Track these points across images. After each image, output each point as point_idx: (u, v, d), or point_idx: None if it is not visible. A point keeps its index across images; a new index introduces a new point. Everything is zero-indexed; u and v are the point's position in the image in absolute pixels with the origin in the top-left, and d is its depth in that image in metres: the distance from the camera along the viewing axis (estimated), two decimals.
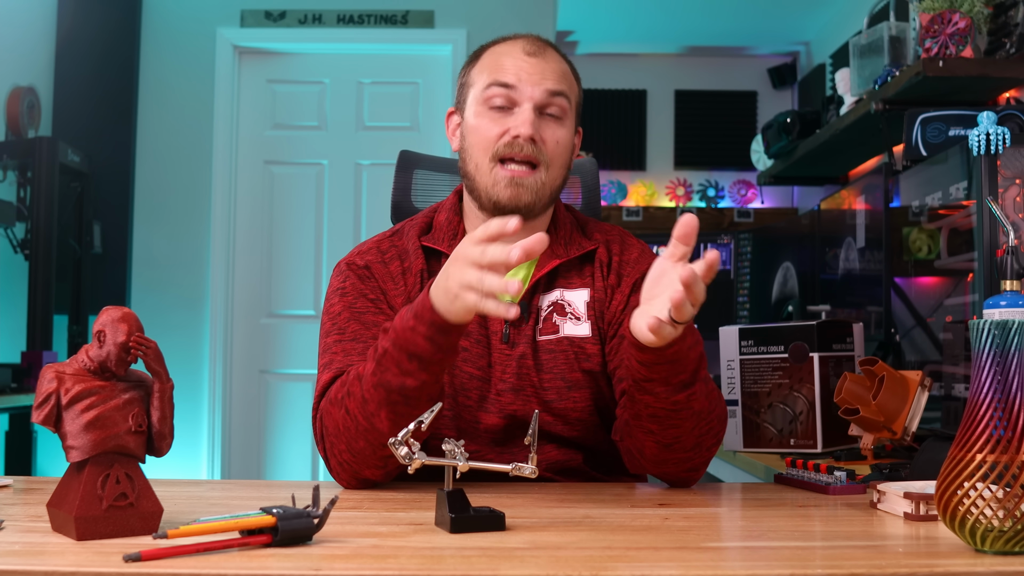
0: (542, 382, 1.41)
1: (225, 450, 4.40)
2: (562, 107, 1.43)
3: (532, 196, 1.41)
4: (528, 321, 1.44)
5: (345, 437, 1.26)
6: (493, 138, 1.41)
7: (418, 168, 1.84)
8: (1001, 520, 0.86)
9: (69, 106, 4.31)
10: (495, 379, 1.42)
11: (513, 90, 1.41)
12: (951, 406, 1.76)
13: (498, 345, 1.43)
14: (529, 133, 1.39)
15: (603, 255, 1.50)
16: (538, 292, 1.45)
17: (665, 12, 4.27)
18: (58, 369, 0.94)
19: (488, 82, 1.43)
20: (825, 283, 2.65)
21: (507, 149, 1.40)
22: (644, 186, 4.74)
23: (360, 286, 1.44)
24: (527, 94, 1.41)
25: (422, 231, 1.50)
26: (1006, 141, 1.67)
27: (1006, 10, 2.35)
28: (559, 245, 1.48)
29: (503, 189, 1.40)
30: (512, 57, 1.44)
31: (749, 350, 1.89)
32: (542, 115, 1.42)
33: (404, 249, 1.49)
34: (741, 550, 0.94)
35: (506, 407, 1.40)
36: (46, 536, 0.94)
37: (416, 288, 1.44)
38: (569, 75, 1.47)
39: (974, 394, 0.89)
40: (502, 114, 1.42)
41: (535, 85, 1.41)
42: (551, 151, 1.42)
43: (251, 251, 4.51)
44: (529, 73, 1.42)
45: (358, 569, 0.83)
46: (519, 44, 1.46)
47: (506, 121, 1.41)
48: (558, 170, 1.44)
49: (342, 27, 4.48)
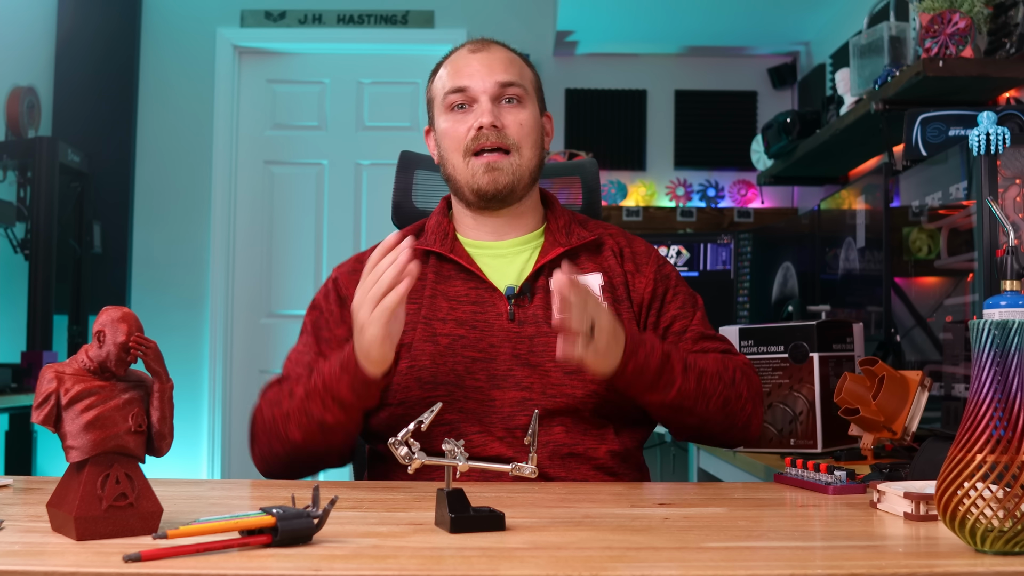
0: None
1: (225, 450, 4.40)
2: (517, 93, 1.53)
3: (510, 178, 1.50)
4: (532, 301, 1.50)
5: (267, 437, 1.42)
6: (461, 136, 1.51)
7: (419, 169, 1.84)
8: (1001, 520, 0.86)
9: (69, 106, 4.31)
10: (504, 357, 1.45)
11: (467, 89, 1.52)
12: (951, 406, 1.76)
13: (504, 325, 1.48)
14: (490, 121, 1.49)
15: (613, 245, 1.58)
16: (543, 275, 1.51)
17: (665, 12, 4.26)
18: (58, 369, 0.94)
19: (446, 90, 1.54)
20: (825, 283, 2.65)
21: (475, 142, 1.50)
22: (644, 186, 4.74)
23: (322, 303, 1.57)
24: (479, 88, 1.51)
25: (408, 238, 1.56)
26: (1006, 141, 1.67)
27: (1006, 10, 2.35)
28: (561, 234, 1.55)
29: (482, 176, 1.51)
30: (460, 60, 1.55)
31: (749, 350, 1.89)
32: (499, 103, 1.52)
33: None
34: (741, 550, 0.94)
35: (522, 380, 1.44)
36: (46, 536, 0.94)
37: None
38: (517, 61, 1.57)
39: (974, 394, 0.89)
40: (464, 113, 1.52)
41: (484, 78, 1.51)
42: (516, 133, 1.51)
43: (251, 251, 4.51)
44: (477, 69, 1.52)
45: (358, 569, 0.83)
46: (466, 47, 1.57)
47: (468, 118, 1.51)
48: (530, 150, 1.53)
49: (342, 27, 4.48)
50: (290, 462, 1.43)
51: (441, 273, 1.52)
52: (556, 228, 1.56)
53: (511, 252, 1.56)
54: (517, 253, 1.56)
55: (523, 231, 1.57)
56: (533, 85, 1.57)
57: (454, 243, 1.54)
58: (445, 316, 1.47)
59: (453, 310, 1.48)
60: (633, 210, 4.64)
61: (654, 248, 1.62)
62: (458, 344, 1.45)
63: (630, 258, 1.57)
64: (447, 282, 1.51)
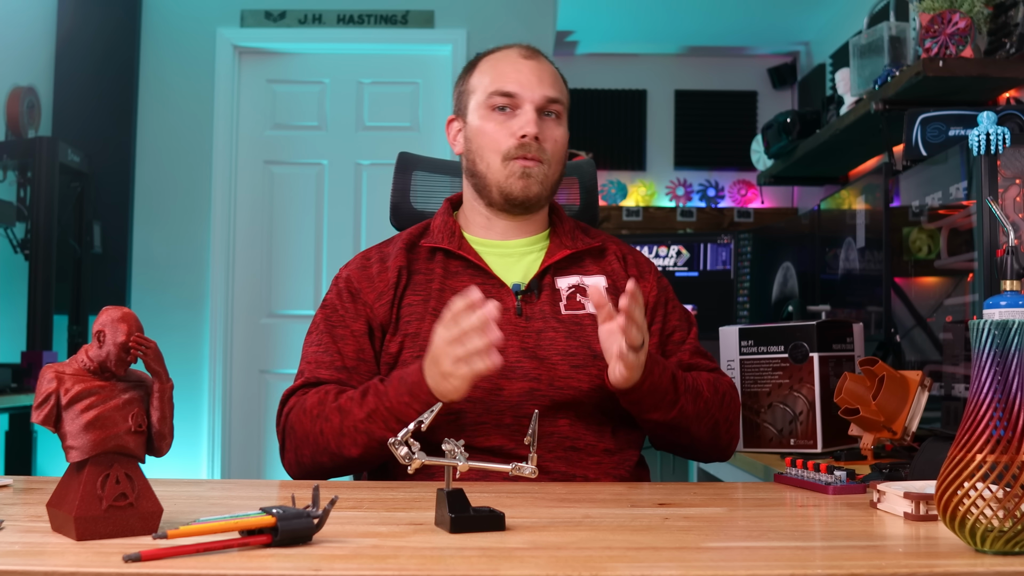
0: (569, 348, 1.50)
1: (225, 450, 4.40)
2: (557, 110, 1.57)
3: (539, 187, 1.55)
4: (539, 297, 1.54)
5: (312, 449, 1.43)
6: (502, 139, 1.54)
7: (416, 170, 1.85)
8: (1001, 520, 0.86)
9: (69, 106, 4.31)
10: (512, 350, 1.48)
11: (516, 96, 1.54)
12: (951, 406, 1.76)
13: (512, 319, 1.51)
14: (534, 132, 1.52)
15: (616, 251, 1.64)
16: (549, 274, 1.56)
17: (665, 12, 4.26)
18: (58, 369, 0.94)
19: (491, 89, 1.56)
20: (825, 283, 2.65)
21: (518, 151, 1.53)
22: (644, 186, 4.74)
23: (336, 301, 1.57)
24: (527, 97, 1.54)
25: (412, 236, 1.61)
26: (1006, 141, 1.66)
27: (1006, 10, 2.35)
28: (567, 238, 1.61)
29: (516, 181, 1.54)
30: (510, 63, 1.57)
31: (749, 350, 1.89)
32: (541, 116, 1.55)
33: (387, 253, 1.60)
34: (741, 550, 0.94)
35: (530, 372, 1.48)
36: (46, 536, 0.94)
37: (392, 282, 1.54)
38: (560, 79, 1.61)
39: (974, 394, 0.89)
40: (506, 116, 1.55)
41: (535, 88, 1.54)
42: (551, 149, 1.56)
43: (251, 251, 4.51)
44: (528, 77, 1.55)
45: (358, 569, 0.83)
46: (515, 50, 1.59)
47: (511, 123, 1.54)
48: (557, 166, 1.58)
49: (342, 27, 4.48)
50: (334, 471, 1.45)
51: (448, 269, 1.56)
52: (562, 232, 1.61)
53: (517, 252, 1.60)
54: (523, 253, 1.60)
55: (529, 234, 1.62)
56: (567, 104, 1.62)
57: (461, 240, 1.58)
58: None
59: None
60: (633, 210, 4.64)
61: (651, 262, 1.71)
62: None
63: (633, 264, 1.64)
64: (455, 277, 1.55)
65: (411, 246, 1.59)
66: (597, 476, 1.47)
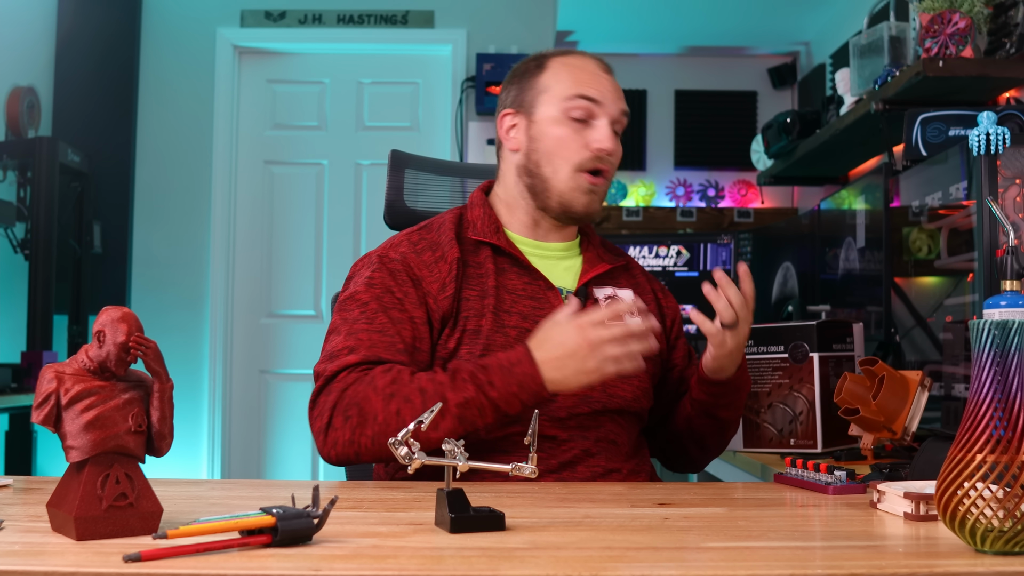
0: None
1: (225, 450, 4.40)
2: (624, 125, 1.59)
3: (598, 205, 1.59)
4: (584, 305, 1.55)
5: (378, 430, 1.33)
6: (576, 148, 1.53)
7: (408, 168, 1.84)
8: (1001, 520, 0.86)
9: (69, 106, 4.31)
10: None
11: (597, 105, 1.54)
12: (951, 406, 1.76)
13: None
14: (612, 147, 1.54)
15: (637, 267, 1.71)
16: (590, 285, 1.59)
17: (665, 12, 4.26)
18: (58, 369, 0.94)
19: (572, 93, 1.54)
20: (825, 283, 2.65)
21: (596, 162, 1.54)
22: (644, 186, 4.74)
23: (389, 282, 1.48)
24: (608, 110, 1.55)
25: (456, 226, 1.57)
26: (1006, 141, 1.67)
27: (1006, 10, 2.35)
28: (600, 250, 1.65)
29: (581, 196, 1.54)
30: (591, 73, 1.57)
31: (749, 350, 1.89)
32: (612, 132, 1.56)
33: (435, 241, 1.54)
34: (741, 550, 0.94)
35: None
36: (46, 536, 0.94)
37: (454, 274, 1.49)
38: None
39: (974, 394, 0.89)
40: (581, 127, 1.54)
41: (615, 102, 1.56)
42: (615, 165, 1.58)
43: (251, 251, 4.51)
44: (609, 91, 1.56)
45: (358, 569, 0.83)
46: (592, 61, 1.60)
47: (586, 134, 1.54)
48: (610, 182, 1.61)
49: (342, 27, 4.48)
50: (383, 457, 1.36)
51: (498, 265, 1.54)
52: (594, 245, 1.65)
53: (554, 255, 1.61)
54: (560, 258, 1.61)
55: (567, 239, 1.63)
56: None
57: (506, 237, 1.57)
58: (509, 308, 1.50)
59: (515, 303, 1.51)
60: (633, 210, 4.64)
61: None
62: (525, 337, 1.45)
63: (654, 279, 1.71)
64: (504, 275, 1.54)
65: (459, 236, 1.55)
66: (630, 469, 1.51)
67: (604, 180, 1.56)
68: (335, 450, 1.37)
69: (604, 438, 1.49)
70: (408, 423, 1.30)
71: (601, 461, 1.48)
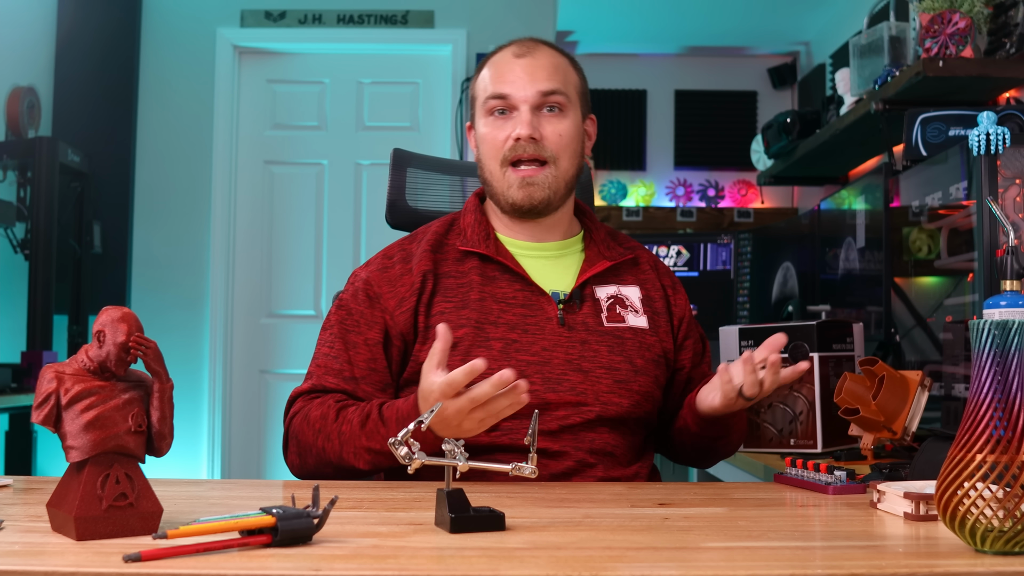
0: (613, 363, 1.49)
1: (225, 450, 4.40)
2: (558, 101, 1.50)
3: (545, 192, 1.50)
4: (580, 308, 1.51)
5: (315, 460, 1.42)
6: (499, 144, 1.50)
7: (410, 167, 1.84)
8: (1001, 520, 0.86)
9: (69, 106, 4.31)
10: (557, 361, 1.46)
11: (508, 97, 1.49)
12: (951, 406, 1.76)
13: (556, 329, 1.49)
14: (528, 133, 1.47)
15: (647, 259, 1.64)
16: (589, 284, 1.54)
17: (665, 12, 4.26)
18: (58, 369, 0.94)
19: (487, 95, 1.52)
20: (825, 283, 2.65)
21: (512, 152, 1.49)
22: (644, 186, 4.74)
23: (351, 304, 1.52)
24: (520, 96, 1.49)
25: (439, 235, 1.55)
26: (1006, 141, 1.67)
27: (1006, 10, 2.35)
28: (603, 247, 1.58)
29: (516, 191, 1.50)
30: (504, 63, 1.52)
31: (749, 350, 1.88)
32: (540, 112, 1.49)
33: (411, 252, 1.54)
34: (741, 550, 0.94)
35: (576, 386, 1.46)
36: (46, 536, 0.94)
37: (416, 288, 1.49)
38: (563, 67, 1.53)
39: (974, 394, 0.89)
40: (504, 120, 1.50)
41: (526, 86, 1.49)
42: (555, 145, 1.50)
43: (251, 251, 4.51)
44: (519, 76, 1.49)
45: (358, 569, 0.83)
46: (510, 49, 1.54)
47: (507, 126, 1.50)
48: (568, 161, 1.52)
49: (342, 27, 4.48)
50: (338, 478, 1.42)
51: (486, 274, 1.51)
52: (598, 239, 1.58)
53: (552, 255, 1.56)
54: (559, 257, 1.57)
55: (560, 236, 1.58)
56: (577, 90, 1.54)
57: (497, 244, 1.53)
58: (496, 319, 1.46)
59: (503, 312, 1.47)
60: (633, 210, 4.64)
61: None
62: (512, 348, 1.44)
63: (666, 274, 1.64)
64: (493, 283, 1.50)
65: (438, 246, 1.53)
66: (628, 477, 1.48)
67: (539, 168, 1.48)
68: (293, 471, 1.48)
69: (600, 450, 1.46)
70: (331, 459, 1.39)
71: (598, 472, 1.45)
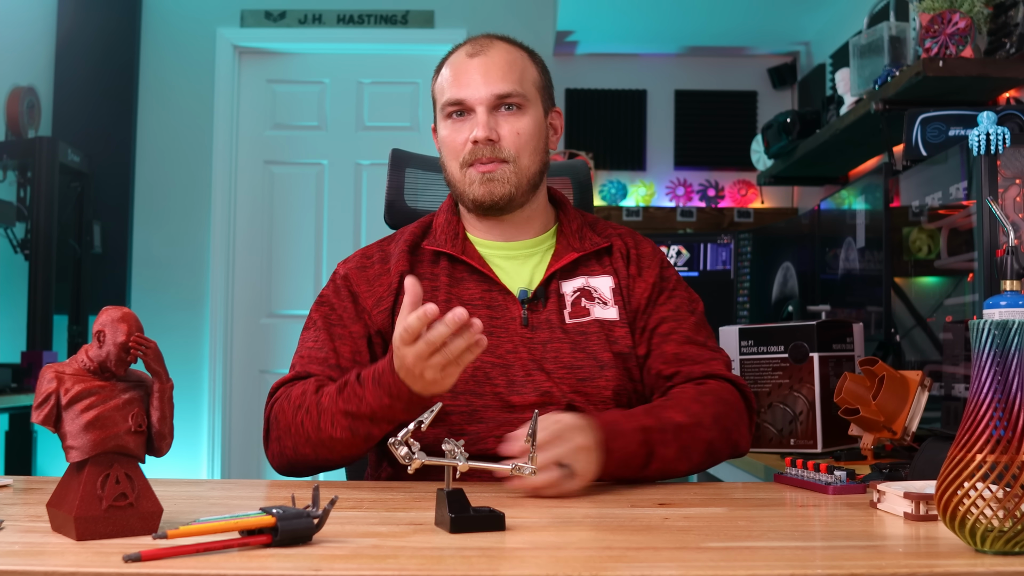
0: (574, 361, 1.45)
1: (225, 450, 4.40)
2: (515, 101, 1.48)
3: (505, 187, 1.47)
4: (545, 306, 1.48)
5: (294, 440, 1.37)
6: (459, 146, 1.49)
7: (408, 167, 1.84)
8: (1001, 520, 0.86)
9: (69, 106, 4.31)
10: (522, 362, 1.44)
11: (463, 101, 1.48)
12: (951, 406, 1.76)
13: (518, 330, 1.46)
14: (484, 135, 1.46)
15: (621, 247, 1.57)
16: (556, 279, 1.50)
17: (665, 12, 4.26)
18: (58, 369, 0.94)
19: (443, 101, 1.51)
20: (825, 283, 2.65)
21: (471, 155, 1.47)
22: (644, 186, 4.74)
23: (333, 299, 1.52)
24: (475, 99, 1.47)
25: (415, 236, 1.56)
26: (1006, 141, 1.67)
27: (1006, 10, 2.35)
28: (575, 238, 1.54)
29: (477, 188, 1.48)
30: (459, 65, 1.51)
31: (749, 350, 1.89)
32: (498, 111, 1.48)
33: (389, 252, 1.55)
34: (741, 550, 0.94)
35: (540, 385, 1.43)
36: (46, 536, 0.94)
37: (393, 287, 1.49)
38: (518, 63, 1.51)
39: (974, 394, 0.89)
40: (461, 121, 1.49)
41: (480, 88, 1.47)
42: (513, 144, 1.48)
43: (251, 251, 4.51)
44: (473, 78, 1.48)
45: (358, 569, 0.83)
46: (464, 48, 1.52)
47: (464, 127, 1.48)
48: (528, 157, 1.49)
49: (342, 27, 4.48)
50: (316, 464, 1.38)
51: (454, 275, 1.50)
52: (569, 232, 1.55)
53: (523, 254, 1.54)
54: (529, 255, 1.54)
55: (534, 233, 1.55)
56: (537, 85, 1.52)
57: (465, 243, 1.52)
58: None
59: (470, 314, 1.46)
60: (633, 210, 4.64)
61: (660, 252, 1.61)
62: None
63: (635, 261, 1.56)
64: (460, 285, 1.50)
65: (414, 247, 1.53)
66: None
67: (500, 163, 1.46)
68: (274, 463, 1.44)
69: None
70: (309, 433, 1.34)
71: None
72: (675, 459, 1.34)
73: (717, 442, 1.39)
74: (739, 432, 1.44)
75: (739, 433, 1.44)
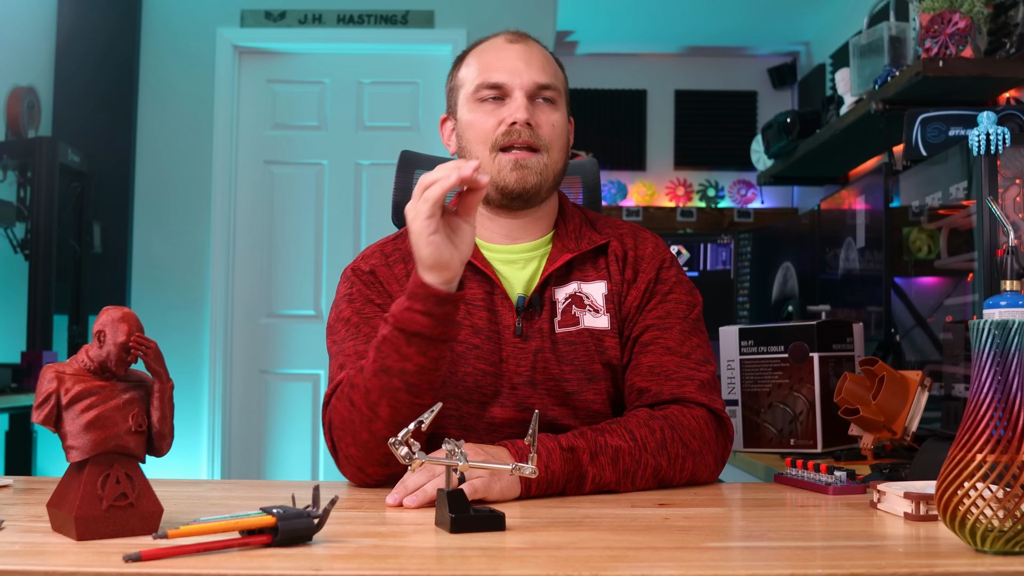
0: (562, 374, 1.42)
1: (225, 450, 4.40)
2: (552, 96, 1.47)
3: (537, 177, 1.44)
4: (540, 314, 1.45)
5: (350, 430, 1.28)
6: (490, 129, 1.44)
7: (419, 168, 1.84)
8: (1001, 520, 0.86)
9: (69, 106, 4.30)
10: (510, 373, 1.42)
11: (503, 86, 1.45)
12: (951, 406, 1.76)
13: (511, 339, 1.43)
14: (525, 118, 1.42)
15: (617, 249, 1.51)
16: (550, 285, 1.47)
17: (665, 12, 4.26)
18: (58, 369, 0.94)
19: (478, 82, 1.46)
20: (825, 283, 2.65)
21: (506, 137, 1.43)
22: (644, 186, 4.74)
23: (366, 292, 1.47)
24: (516, 84, 1.44)
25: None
26: (1006, 141, 1.67)
27: (1006, 10, 2.35)
28: (570, 239, 1.49)
29: (509, 173, 1.43)
30: (496, 51, 1.48)
31: (749, 350, 1.89)
32: (534, 102, 1.46)
33: (408, 252, 1.49)
34: (741, 550, 0.94)
35: (524, 400, 1.41)
36: (46, 536, 0.94)
37: None
38: (552, 62, 1.51)
39: (974, 394, 0.89)
40: (496, 105, 1.45)
41: (522, 74, 1.44)
42: (548, 134, 1.45)
43: (251, 251, 4.51)
44: (515, 64, 1.45)
45: (358, 569, 0.83)
46: (502, 36, 1.50)
47: (500, 112, 1.44)
48: (558, 153, 1.47)
49: (342, 27, 4.48)
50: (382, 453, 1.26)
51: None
52: (565, 233, 1.50)
53: (521, 258, 1.50)
54: (528, 260, 1.50)
55: (536, 236, 1.51)
56: (565, 88, 1.52)
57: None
58: (461, 320, 1.39)
59: (469, 315, 1.43)
60: (633, 210, 4.64)
61: (665, 251, 1.54)
62: (471, 354, 1.41)
63: (631, 264, 1.50)
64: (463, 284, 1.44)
65: None
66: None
67: (531, 153, 1.43)
68: (347, 474, 1.35)
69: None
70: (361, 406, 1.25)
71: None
72: (616, 483, 1.28)
73: (664, 469, 1.32)
74: (697, 460, 1.35)
75: (696, 462, 1.35)
